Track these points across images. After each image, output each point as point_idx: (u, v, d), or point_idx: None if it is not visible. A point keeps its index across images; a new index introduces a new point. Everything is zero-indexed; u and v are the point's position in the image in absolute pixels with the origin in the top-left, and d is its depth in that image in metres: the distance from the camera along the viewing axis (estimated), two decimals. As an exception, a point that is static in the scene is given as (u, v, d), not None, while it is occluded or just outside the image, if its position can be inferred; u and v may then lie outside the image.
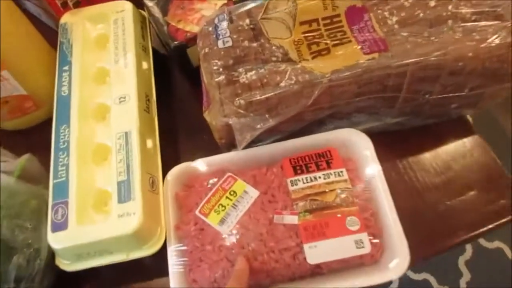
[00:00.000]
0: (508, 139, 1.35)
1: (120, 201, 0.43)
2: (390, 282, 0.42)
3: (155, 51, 0.59)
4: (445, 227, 0.46)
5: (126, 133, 0.46)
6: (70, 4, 0.59)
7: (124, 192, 0.43)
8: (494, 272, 1.14)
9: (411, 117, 0.50)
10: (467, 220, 0.46)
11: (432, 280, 1.16)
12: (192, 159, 0.49)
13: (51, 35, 0.58)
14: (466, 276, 1.14)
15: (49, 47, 0.58)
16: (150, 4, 0.56)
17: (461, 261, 1.15)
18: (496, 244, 1.15)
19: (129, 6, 0.55)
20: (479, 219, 0.46)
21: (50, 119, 0.50)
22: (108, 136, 0.47)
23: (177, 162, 0.49)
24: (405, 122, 0.51)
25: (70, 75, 0.51)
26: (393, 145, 0.51)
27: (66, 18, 0.56)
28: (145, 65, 0.53)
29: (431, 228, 0.47)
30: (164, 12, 0.56)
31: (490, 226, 0.46)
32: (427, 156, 0.51)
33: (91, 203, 0.44)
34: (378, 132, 0.51)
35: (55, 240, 0.41)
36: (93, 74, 0.52)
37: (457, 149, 0.51)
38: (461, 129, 0.52)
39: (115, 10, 0.55)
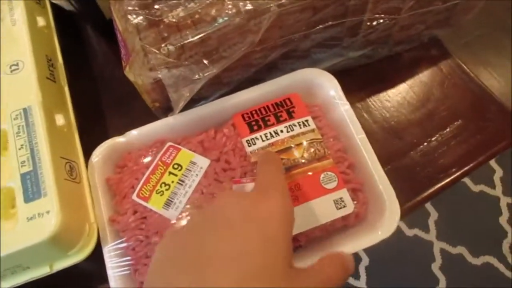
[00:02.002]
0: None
1: (27, 199, 0.32)
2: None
3: (58, 8, 0.46)
4: (432, 168, 0.40)
5: (24, 110, 0.35)
6: None
7: (31, 187, 0.32)
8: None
9: (377, 46, 0.42)
10: (456, 155, 0.40)
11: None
12: (123, 133, 0.38)
13: None
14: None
15: None
16: None
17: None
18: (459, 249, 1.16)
19: None
20: (469, 151, 0.40)
21: None
22: (2, 118, 0.35)
23: (105, 139, 0.38)
24: (372, 54, 0.43)
25: None
26: (360, 82, 0.43)
27: None
28: (41, 21, 0.41)
29: (416, 172, 0.40)
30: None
31: (484, 156, 0.39)
32: (401, 90, 0.43)
33: (-9, 208, 0.33)
34: (342, 70, 0.43)
35: None
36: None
37: (434, 77, 0.44)
38: (435, 52, 0.44)
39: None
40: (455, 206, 1.20)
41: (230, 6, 0.33)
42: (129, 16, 0.33)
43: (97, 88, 0.46)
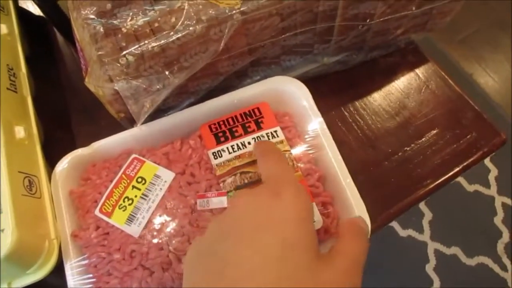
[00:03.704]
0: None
1: (-18, 216, 0.31)
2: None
3: (26, 13, 0.45)
4: (407, 178, 0.38)
5: (-19, 123, 0.34)
6: None
7: (-14, 204, 0.31)
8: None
9: (352, 52, 0.41)
10: (432, 165, 0.39)
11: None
12: (91, 145, 0.37)
13: None
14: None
15: None
16: None
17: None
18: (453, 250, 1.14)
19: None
20: (446, 161, 0.38)
21: None
22: (-40, 131, 0.34)
23: (73, 150, 0.37)
24: (346, 60, 0.42)
25: None
26: (335, 89, 0.42)
27: None
28: (3, 29, 0.40)
29: (391, 182, 0.38)
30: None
31: (460, 167, 0.38)
32: (376, 97, 0.42)
33: None
34: (316, 77, 0.41)
35: None
36: None
37: (410, 83, 0.42)
38: (412, 58, 0.43)
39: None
40: (450, 206, 1.19)
41: (191, 15, 0.32)
42: (86, 25, 0.32)
43: (64, 96, 0.44)
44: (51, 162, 0.38)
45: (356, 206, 0.33)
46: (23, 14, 0.45)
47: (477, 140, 0.39)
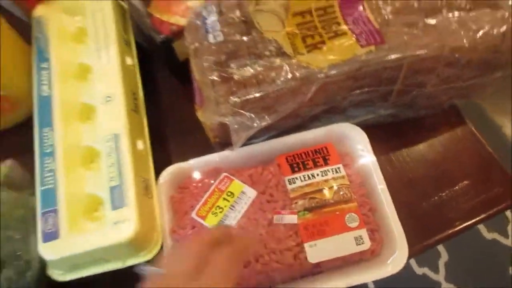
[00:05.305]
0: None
1: (114, 207, 0.41)
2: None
3: (137, 45, 0.56)
4: (440, 218, 0.47)
5: (115, 135, 0.44)
6: (43, -5, 0.55)
7: (117, 198, 0.41)
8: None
9: (404, 108, 0.50)
10: (462, 210, 0.47)
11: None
12: (184, 160, 0.47)
13: (22, 28, 0.53)
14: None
15: (22, 42, 0.54)
16: (130, -6, 0.53)
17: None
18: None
19: (107, -3, 0.52)
20: (474, 208, 0.47)
21: (26, 121, 0.47)
22: (96, 139, 0.44)
23: (168, 163, 0.47)
24: (399, 114, 0.51)
25: (49, 73, 0.48)
26: (387, 137, 0.51)
27: (40, 11, 0.52)
28: (129, 60, 0.51)
29: (427, 220, 0.47)
30: (146, 3, 0.53)
31: (485, 215, 0.46)
32: (421, 148, 0.51)
33: (82, 210, 0.42)
34: (372, 125, 0.50)
35: (47, 251, 0.39)
36: (74, 72, 0.49)
37: (450, 139, 0.51)
38: (453, 118, 0.52)
39: (92, 1, 0.52)
40: (466, 251, 1.21)
41: (288, 72, 0.42)
42: (207, 72, 0.42)
43: (163, 118, 0.54)
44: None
45: (398, 236, 0.42)
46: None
47: (503, 194, 0.47)
